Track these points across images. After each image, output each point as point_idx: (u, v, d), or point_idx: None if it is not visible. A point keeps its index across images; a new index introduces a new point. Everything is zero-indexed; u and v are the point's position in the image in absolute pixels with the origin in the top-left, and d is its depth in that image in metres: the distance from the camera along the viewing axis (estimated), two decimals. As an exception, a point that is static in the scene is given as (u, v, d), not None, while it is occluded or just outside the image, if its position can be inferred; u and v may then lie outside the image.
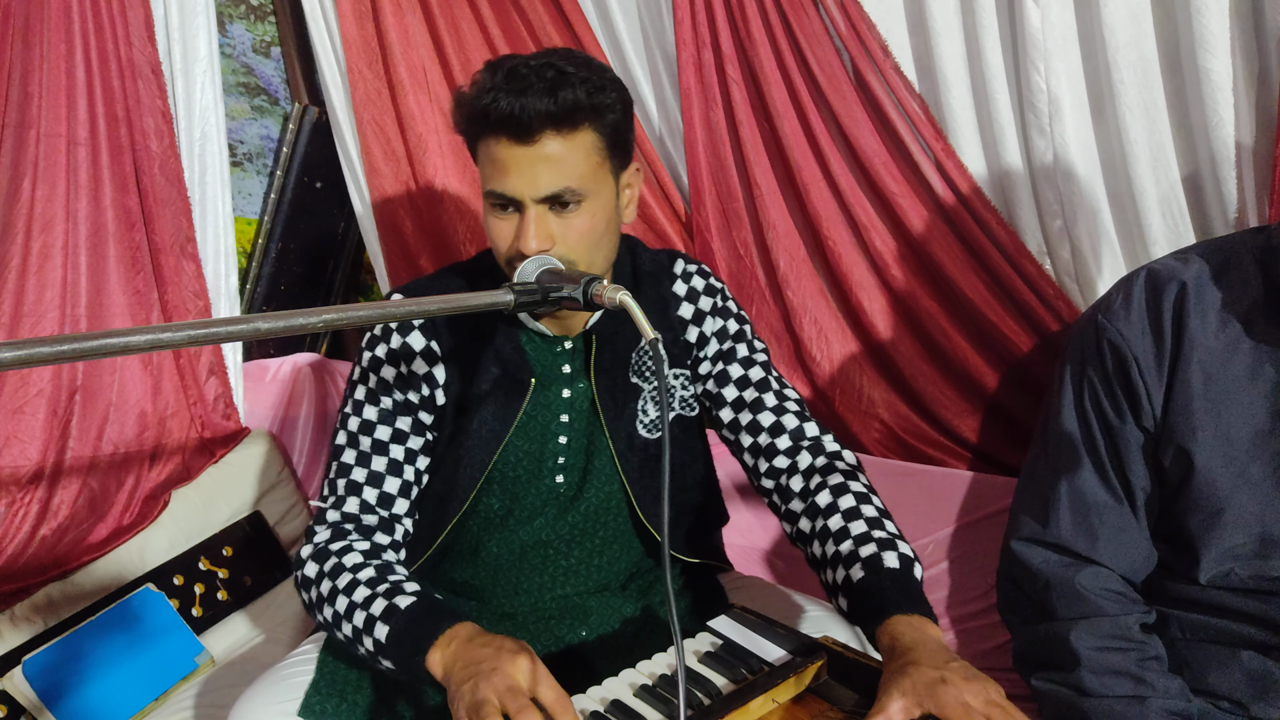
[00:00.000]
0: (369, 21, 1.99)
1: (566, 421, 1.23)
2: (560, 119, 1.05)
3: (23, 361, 0.60)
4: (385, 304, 0.82)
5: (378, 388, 1.20)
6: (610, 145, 1.11)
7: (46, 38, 1.61)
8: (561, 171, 1.07)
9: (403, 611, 1.01)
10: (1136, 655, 1.10)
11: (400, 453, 1.19)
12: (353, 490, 1.17)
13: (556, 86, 1.05)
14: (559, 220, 1.09)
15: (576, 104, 1.05)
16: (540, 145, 1.06)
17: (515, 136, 1.06)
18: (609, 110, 1.09)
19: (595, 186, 1.10)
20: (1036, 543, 1.18)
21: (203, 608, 1.75)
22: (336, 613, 1.06)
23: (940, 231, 1.61)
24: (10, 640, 1.51)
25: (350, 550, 1.11)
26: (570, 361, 1.23)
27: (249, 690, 1.16)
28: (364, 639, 1.03)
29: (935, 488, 1.66)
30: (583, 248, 1.10)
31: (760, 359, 1.28)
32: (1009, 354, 1.62)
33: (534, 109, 1.04)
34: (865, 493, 1.13)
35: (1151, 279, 1.12)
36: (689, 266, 1.31)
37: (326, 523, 1.15)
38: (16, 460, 1.59)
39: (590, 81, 1.07)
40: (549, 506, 1.24)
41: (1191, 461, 1.07)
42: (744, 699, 0.87)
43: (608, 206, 1.12)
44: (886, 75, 1.57)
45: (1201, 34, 1.28)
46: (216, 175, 1.90)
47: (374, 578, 1.07)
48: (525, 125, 1.05)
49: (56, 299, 1.63)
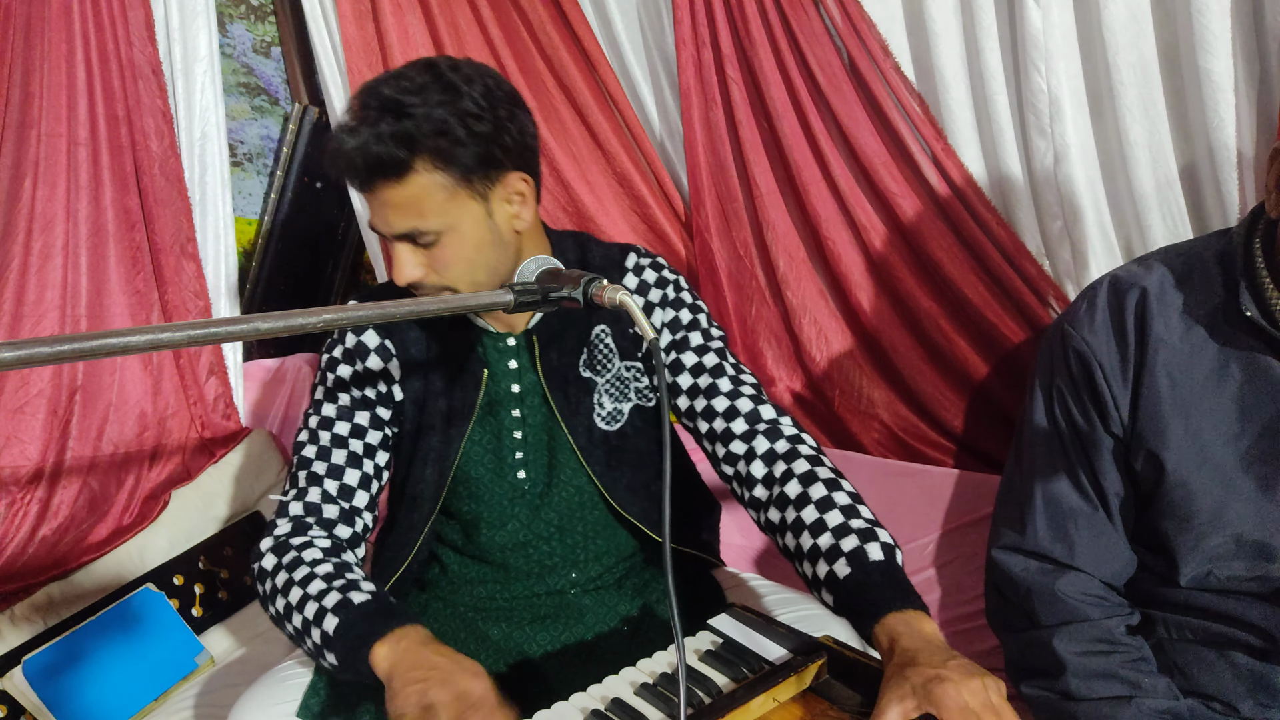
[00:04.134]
0: (369, 21, 1.99)
1: (519, 416, 1.24)
2: (388, 169, 1.04)
3: (23, 361, 0.60)
4: (385, 304, 0.82)
5: (335, 385, 1.22)
6: (463, 176, 1.07)
7: (47, 38, 1.61)
8: (403, 215, 1.07)
9: (355, 606, 1.01)
10: (1121, 657, 1.10)
11: (359, 447, 1.20)
12: (313, 481, 1.17)
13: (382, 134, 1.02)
14: (425, 252, 1.09)
15: (394, 153, 1.03)
16: (378, 193, 1.07)
17: (353, 184, 1.09)
18: (451, 149, 1.05)
19: (450, 219, 1.08)
20: (1016, 551, 1.19)
21: (203, 608, 1.75)
22: (289, 604, 1.06)
23: (940, 232, 1.61)
24: (10, 640, 1.51)
25: (310, 545, 1.11)
26: (516, 357, 1.24)
27: (248, 692, 1.16)
28: (312, 630, 1.02)
29: (934, 488, 1.66)
30: (454, 275, 1.11)
31: (715, 345, 1.25)
32: (1008, 354, 1.62)
33: (358, 162, 1.04)
34: (834, 478, 1.11)
35: (1114, 286, 1.12)
36: (641, 260, 1.29)
37: (288, 515, 1.15)
38: (16, 460, 1.59)
39: (427, 119, 1.03)
40: (518, 506, 1.25)
41: (1162, 465, 1.07)
42: (744, 698, 0.87)
43: (475, 230, 1.10)
44: (886, 75, 1.57)
45: (1202, 34, 1.28)
46: (217, 175, 1.90)
47: (331, 573, 1.06)
48: (355, 177, 1.06)
49: (57, 299, 1.63)
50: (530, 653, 1.20)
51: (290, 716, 1.11)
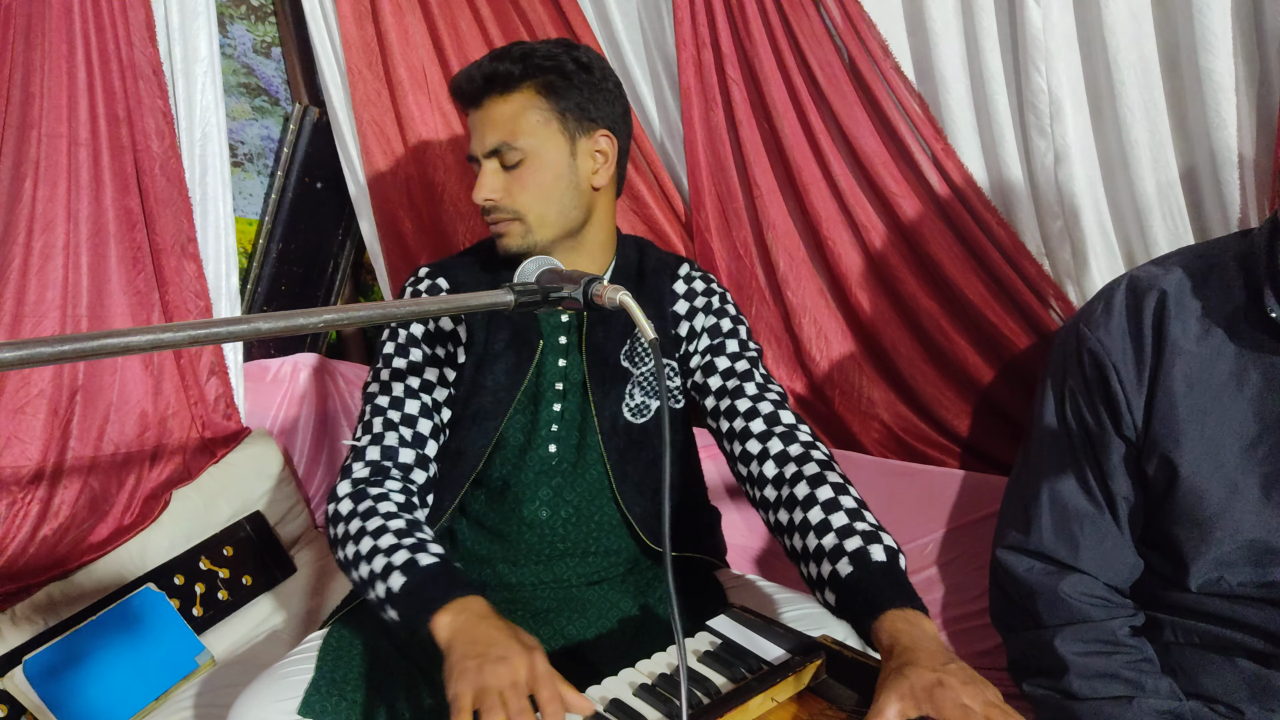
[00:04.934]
0: (369, 22, 2.00)
1: (560, 390, 1.29)
2: (495, 82, 1.21)
3: (24, 361, 0.60)
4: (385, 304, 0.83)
5: (408, 341, 1.28)
6: (557, 107, 1.22)
7: (48, 38, 1.61)
8: (499, 128, 1.21)
9: (422, 568, 1.03)
10: (1124, 658, 1.10)
11: (429, 400, 1.26)
12: (389, 427, 1.21)
13: (501, 57, 1.22)
14: (508, 175, 1.23)
15: (510, 69, 1.20)
16: (485, 108, 1.23)
17: (466, 103, 1.26)
18: (548, 71, 1.21)
19: (537, 143, 1.21)
20: (1020, 551, 1.19)
21: (203, 607, 1.75)
22: (359, 552, 1.08)
23: (940, 232, 1.61)
24: (11, 640, 1.51)
25: (387, 497, 1.14)
26: (567, 334, 1.30)
27: (248, 689, 1.16)
28: (377, 584, 1.04)
29: (934, 488, 1.66)
30: (528, 201, 1.22)
31: (749, 355, 1.31)
32: (1009, 354, 1.62)
33: (475, 76, 1.22)
34: (842, 483, 1.13)
35: (1132, 287, 1.11)
36: (694, 271, 1.38)
37: (365, 460, 1.18)
38: (17, 460, 1.59)
39: (539, 52, 1.22)
40: (544, 481, 1.27)
41: (1176, 470, 1.06)
42: (743, 698, 0.87)
43: (556, 164, 1.23)
44: (886, 75, 1.57)
45: (1202, 35, 1.28)
46: (217, 175, 1.90)
47: (403, 529, 1.09)
48: (471, 91, 1.24)
49: (57, 299, 1.64)
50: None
51: (290, 714, 1.11)
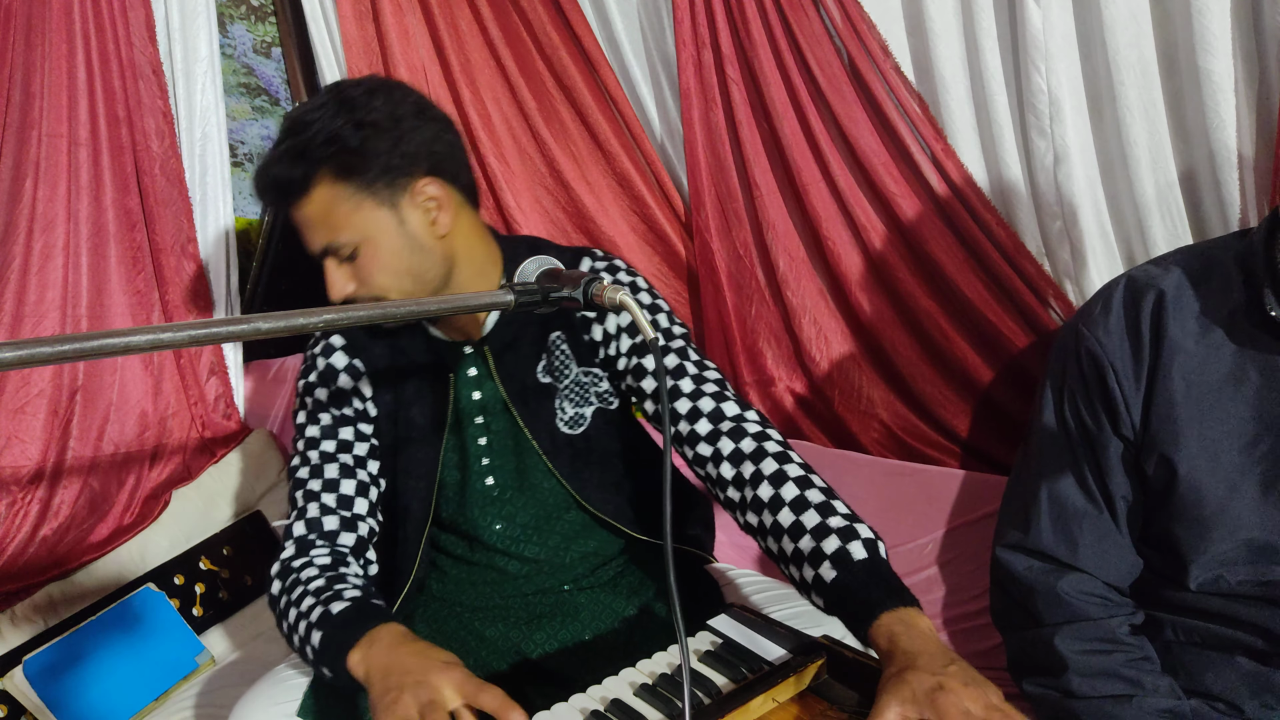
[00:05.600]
0: (369, 21, 2.00)
1: (483, 423, 1.26)
2: (287, 190, 1.10)
3: (24, 361, 0.60)
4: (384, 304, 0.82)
5: (314, 408, 1.25)
6: (365, 185, 1.09)
7: (48, 38, 1.61)
8: (315, 231, 1.11)
9: (334, 616, 1.02)
10: (1124, 656, 1.10)
11: (349, 459, 1.23)
12: (310, 499, 1.19)
13: (283, 156, 1.09)
14: (351, 266, 1.12)
15: (292, 173, 1.08)
16: (294, 214, 1.12)
17: (275, 210, 1.19)
18: (347, 159, 1.07)
19: (361, 231, 1.10)
20: (1019, 550, 1.19)
21: (203, 607, 1.75)
22: (290, 624, 1.08)
23: (940, 232, 1.61)
24: (11, 640, 1.51)
25: (310, 565, 1.13)
26: (475, 364, 1.26)
27: (249, 692, 1.17)
28: (306, 649, 1.04)
29: (933, 487, 1.66)
30: (380, 284, 1.12)
31: (675, 345, 1.23)
32: (1008, 354, 1.62)
33: (266, 186, 1.11)
34: (804, 476, 1.08)
35: (1130, 287, 1.11)
36: (596, 263, 1.28)
37: (293, 537, 1.17)
38: (17, 460, 1.59)
39: (321, 132, 1.07)
40: (490, 512, 1.27)
41: (1175, 469, 1.06)
42: (744, 698, 0.87)
43: (389, 238, 1.11)
44: (886, 75, 1.57)
45: (1202, 35, 1.28)
46: (217, 175, 1.90)
47: (321, 587, 1.08)
48: (271, 203, 1.16)
49: (58, 299, 1.64)
50: (528, 652, 1.21)
51: (290, 717, 1.11)
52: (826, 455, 1.76)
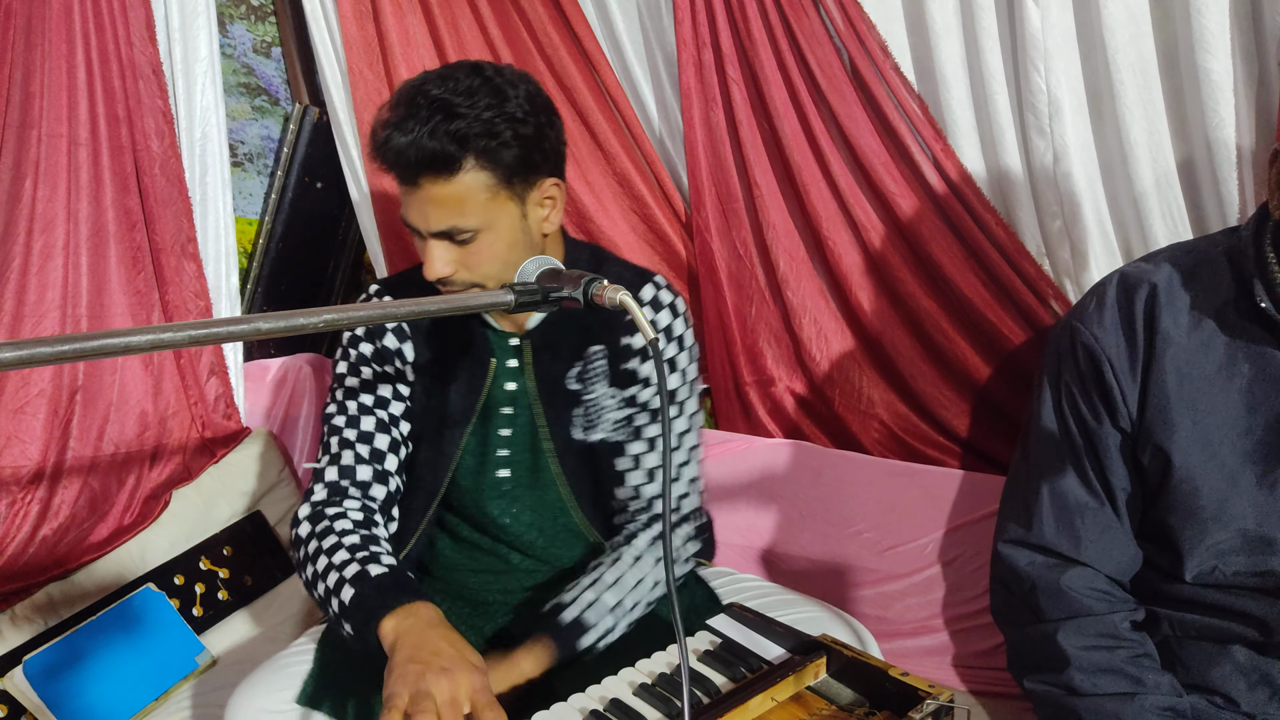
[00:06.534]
0: (369, 22, 1.99)
1: (509, 414, 1.27)
2: (438, 165, 1.07)
3: (24, 361, 0.60)
4: (386, 304, 0.83)
5: (358, 360, 1.27)
6: (505, 177, 1.11)
7: (48, 38, 1.61)
8: (445, 212, 1.10)
9: (372, 579, 1.04)
10: (1126, 653, 1.10)
11: (385, 415, 1.25)
12: (346, 446, 1.21)
13: (436, 131, 1.05)
14: (459, 249, 1.12)
15: (447, 149, 1.06)
16: (423, 189, 1.10)
17: (400, 178, 1.11)
18: (498, 149, 1.09)
19: (489, 218, 1.11)
20: (1022, 545, 1.19)
21: (203, 607, 1.75)
22: (316, 571, 1.09)
23: (940, 232, 1.61)
24: (11, 640, 1.51)
25: (344, 515, 1.15)
26: (518, 357, 1.27)
27: (248, 679, 1.18)
28: (332, 599, 1.05)
29: (933, 488, 1.66)
30: (484, 272, 1.14)
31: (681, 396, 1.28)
32: (1008, 354, 1.62)
33: (410, 156, 1.07)
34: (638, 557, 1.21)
35: (1123, 282, 1.13)
36: (660, 294, 1.29)
37: (324, 481, 1.19)
38: (17, 460, 1.59)
39: (478, 120, 1.06)
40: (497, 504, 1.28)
41: (1170, 460, 1.08)
42: (743, 697, 0.87)
43: (509, 231, 1.13)
44: (886, 75, 1.57)
45: (1201, 34, 1.28)
46: (217, 175, 1.90)
47: (357, 544, 1.10)
48: (405, 171, 1.09)
49: (57, 299, 1.63)
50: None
51: (289, 704, 1.12)
52: (826, 455, 1.76)
